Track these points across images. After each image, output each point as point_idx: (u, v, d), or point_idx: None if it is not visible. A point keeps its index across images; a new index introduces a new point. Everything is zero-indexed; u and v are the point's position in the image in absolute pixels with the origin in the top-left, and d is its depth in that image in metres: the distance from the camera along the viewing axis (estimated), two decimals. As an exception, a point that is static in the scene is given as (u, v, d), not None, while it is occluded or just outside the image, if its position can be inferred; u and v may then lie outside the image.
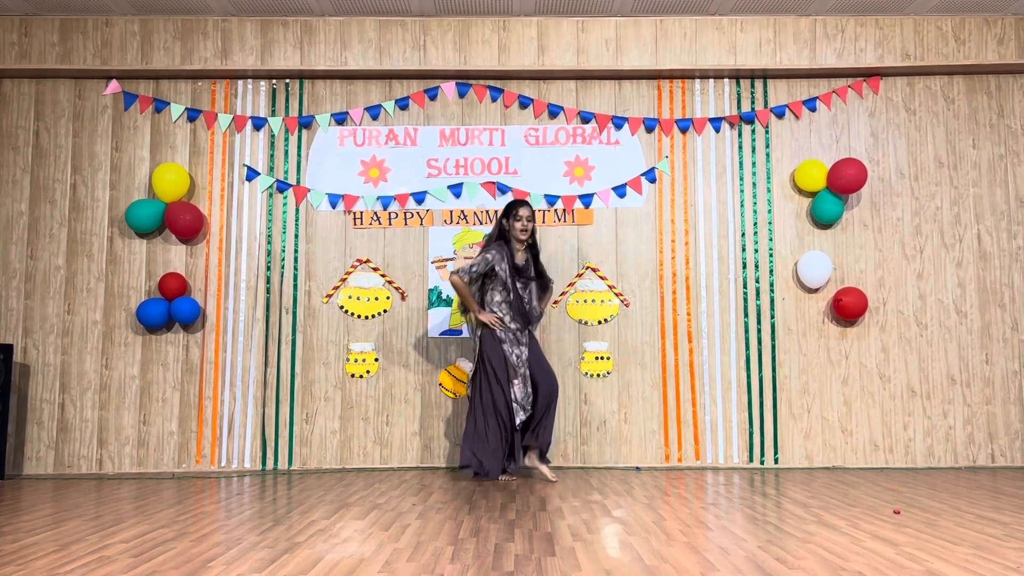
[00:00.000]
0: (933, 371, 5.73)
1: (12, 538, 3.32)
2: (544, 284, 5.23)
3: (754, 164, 5.88)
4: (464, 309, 5.17)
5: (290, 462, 5.65)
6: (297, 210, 5.83)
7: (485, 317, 4.97)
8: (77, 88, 5.88)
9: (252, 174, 5.84)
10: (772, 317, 5.76)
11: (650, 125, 5.88)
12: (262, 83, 5.92)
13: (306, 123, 5.87)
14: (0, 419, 5.25)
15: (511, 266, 5.01)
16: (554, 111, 5.88)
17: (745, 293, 5.78)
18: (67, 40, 5.78)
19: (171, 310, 5.56)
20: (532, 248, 5.13)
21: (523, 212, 5.01)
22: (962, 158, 5.87)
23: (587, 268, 5.79)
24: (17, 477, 5.49)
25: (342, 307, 5.76)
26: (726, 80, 5.95)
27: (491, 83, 5.92)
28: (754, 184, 5.86)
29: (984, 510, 3.88)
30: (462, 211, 5.82)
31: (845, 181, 5.59)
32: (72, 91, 5.88)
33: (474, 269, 4.95)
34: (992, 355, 5.73)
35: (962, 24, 5.84)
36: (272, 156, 5.87)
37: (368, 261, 5.79)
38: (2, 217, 5.78)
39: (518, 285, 5.04)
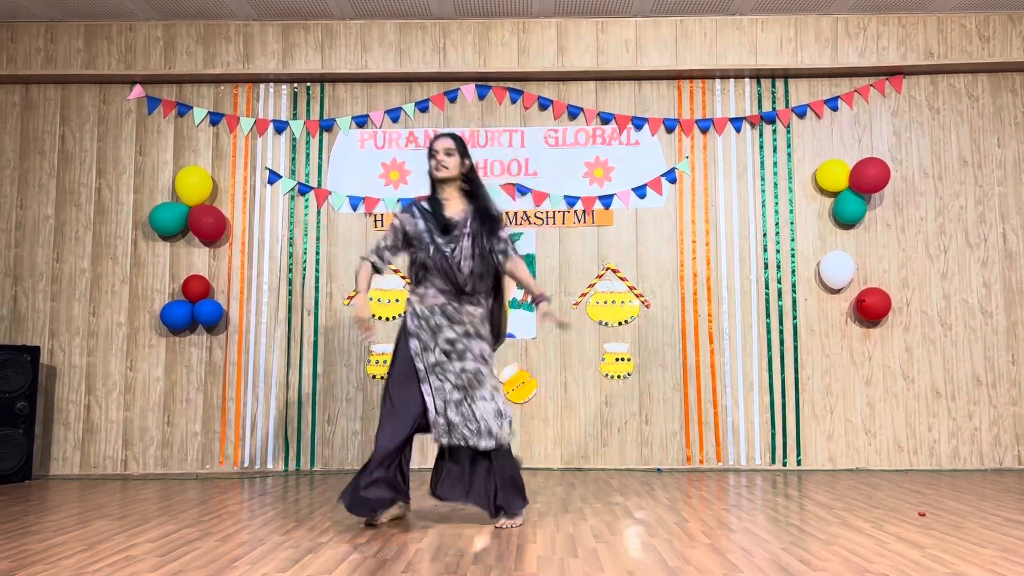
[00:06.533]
0: (958, 372, 5.67)
1: (40, 537, 3.36)
2: (490, 226, 3.70)
3: (775, 164, 5.84)
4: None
5: (312, 463, 5.68)
6: (318, 212, 5.87)
7: (356, 311, 3.78)
8: (102, 93, 5.95)
9: (274, 177, 5.88)
10: (794, 318, 5.72)
11: (670, 125, 5.86)
12: (284, 86, 5.96)
13: (327, 126, 5.91)
14: (27, 420, 5.32)
15: (431, 218, 3.70)
16: (574, 112, 5.88)
17: (767, 294, 5.75)
18: (92, 46, 5.85)
19: (194, 312, 5.61)
20: (473, 196, 3.74)
21: (438, 145, 3.70)
22: (987, 157, 5.81)
23: (607, 269, 5.78)
24: (44, 477, 5.56)
25: (363, 309, 5.77)
26: (747, 80, 5.92)
27: (511, 85, 5.93)
28: (775, 184, 5.83)
29: (1011, 512, 3.84)
30: (482, 213, 5.82)
31: (868, 181, 5.54)
32: (97, 96, 5.95)
33: (381, 244, 3.79)
34: (1018, 355, 5.66)
35: (986, 22, 5.77)
36: (294, 159, 5.91)
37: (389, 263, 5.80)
38: (29, 221, 5.86)
39: (439, 240, 3.66)
